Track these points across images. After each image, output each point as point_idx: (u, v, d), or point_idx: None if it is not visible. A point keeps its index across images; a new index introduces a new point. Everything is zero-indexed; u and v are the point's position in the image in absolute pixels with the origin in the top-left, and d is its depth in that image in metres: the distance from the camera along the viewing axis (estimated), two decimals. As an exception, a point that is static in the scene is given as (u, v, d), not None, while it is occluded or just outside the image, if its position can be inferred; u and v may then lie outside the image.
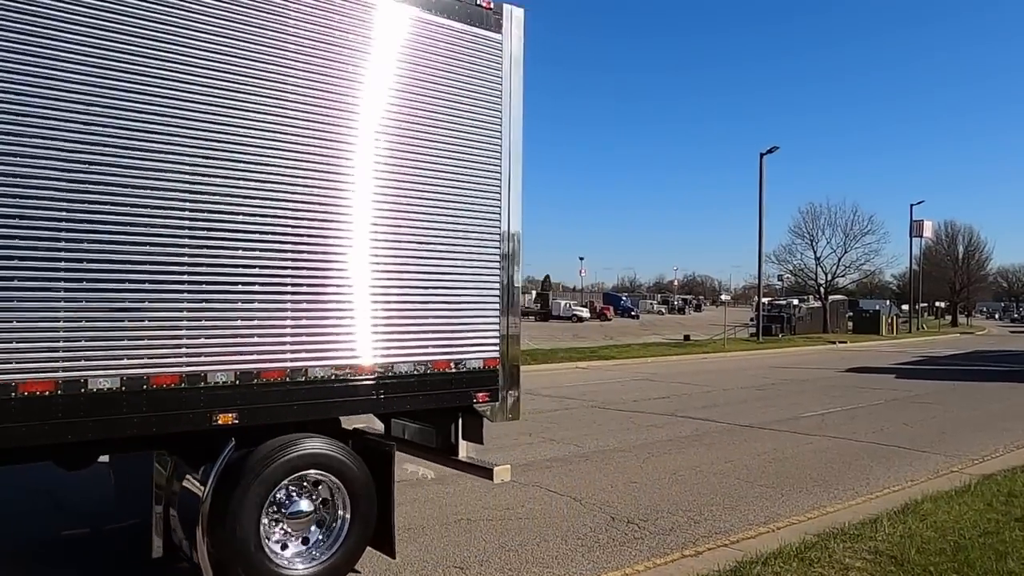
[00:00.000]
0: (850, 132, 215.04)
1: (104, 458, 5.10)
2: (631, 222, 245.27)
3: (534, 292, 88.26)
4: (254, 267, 4.47)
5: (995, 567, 5.33)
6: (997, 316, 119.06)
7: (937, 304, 71.38)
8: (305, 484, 4.78)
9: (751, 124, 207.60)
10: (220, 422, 4.32)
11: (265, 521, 4.55)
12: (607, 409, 14.53)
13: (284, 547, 4.72)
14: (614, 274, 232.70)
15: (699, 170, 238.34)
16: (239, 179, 4.40)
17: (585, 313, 69.02)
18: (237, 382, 4.37)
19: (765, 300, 49.97)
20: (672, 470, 9.10)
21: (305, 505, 4.76)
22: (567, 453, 10.05)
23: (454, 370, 5.35)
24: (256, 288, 4.47)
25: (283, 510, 4.69)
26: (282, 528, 4.71)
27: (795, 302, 57.68)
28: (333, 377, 4.74)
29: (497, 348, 5.61)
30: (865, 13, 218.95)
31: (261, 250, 4.49)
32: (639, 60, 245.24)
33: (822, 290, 56.26)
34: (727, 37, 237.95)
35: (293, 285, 4.60)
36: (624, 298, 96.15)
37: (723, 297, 47.35)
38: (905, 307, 66.38)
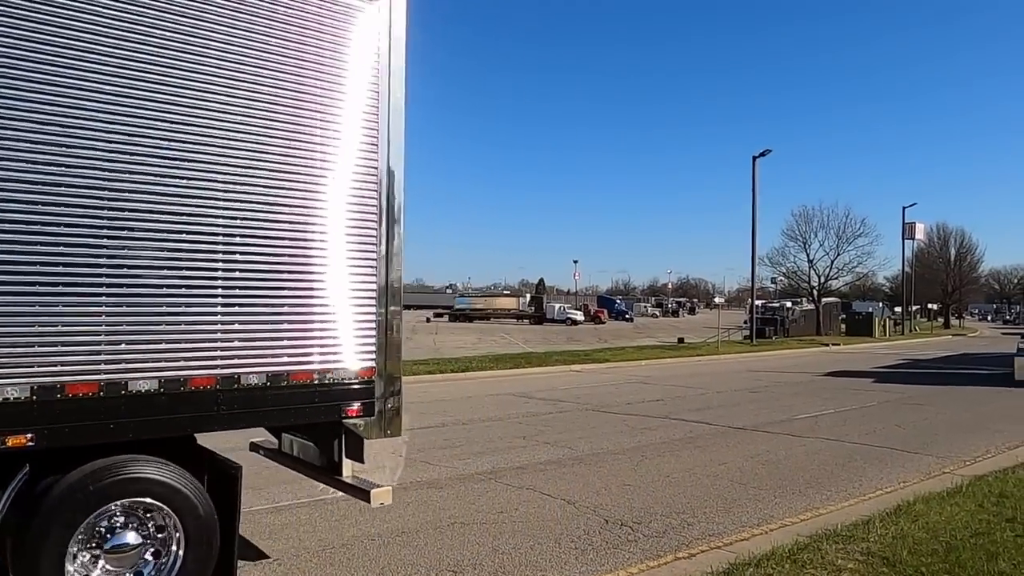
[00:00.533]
0: (843, 135, 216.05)
1: None
2: (625, 225, 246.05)
3: (528, 295, 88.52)
4: (57, 264, 3.82)
5: (986, 567, 5.36)
6: (989, 318, 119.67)
7: (930, 306, 71.60)
8: (130, 515, 4.15)
9: (745, 127, 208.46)
10: (10, 444, 3.70)
11: (75, 557, 3.95)
12: (601, 412, 14.54)
13: None
14: (608, 277, 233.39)
15: (694, 173, 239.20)
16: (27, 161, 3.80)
17: (579, 316, 69.32)
18: (34, 398, 3.74)
19: (759, 302, 50.14)
20: (666, 472, 9.11)
21: (131, 538, 4.12)
22: (561, 456, 10.05)
23: (318, 381, 4.71)
24: (60, 288, 3.82)
25: (101, 545, 4.06)
26: (100, 566, 4.09)
27: (788, 304, 57.86)
28: (162, 391, 4.10)
29: (373, 357, 4.96)
30: (861, 16, 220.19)
31: (67, 245, 3.85)
32: (635, 64, 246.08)
33: (815, 292, 56.47)
34: (720, 40, 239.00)
35: (109, 285, 3.97)
36: (618, 301, 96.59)
37: (717, 300, 47.51)
38: (898, 309, 66.63)
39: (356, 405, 4.90)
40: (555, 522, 6.95)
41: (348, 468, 5.17)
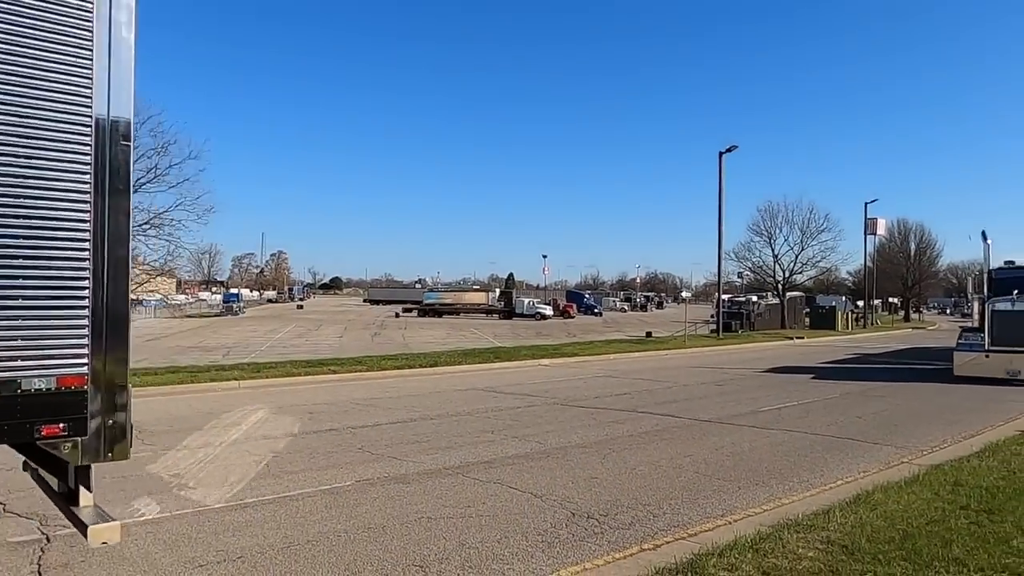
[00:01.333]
0: (810, 131, 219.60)
1: None
2: (594, 220, 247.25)
3: (498, 290, 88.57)
4: None
5: (941, 553, 5.50)
6: (948, 312, 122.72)
7: (891, 300, 73.01)
8: None
9: (713, 121, 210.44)
10: None
11: None
12: (569, 406, 14.61)
13: None
14: (577, 271, 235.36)
15: (662, 168, 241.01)
16: None
17: (548, 311, 69.51)
18: None
19: (725, 297, 50.78)
20: (632, 466, 9.19)
21: None
22: (529, 450, 10.08)
23: None
24: None
25: None
26: None
27: (754, 299, 58.71)
28: None
29: (84, 360, 3.85)
30: (826, 13, 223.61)
31: None
32: (602, 61, 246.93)
33: (780, 287, 57.32)
34: (686, 35, 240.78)
35: None
36: (587, 296, 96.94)
37: (684, 294, 48.05)
38: (860, 303, 67.93)
39: (56, 423, 3.79)
40: (522, 516, 6.97)
41: (87, 497, 4.23)
